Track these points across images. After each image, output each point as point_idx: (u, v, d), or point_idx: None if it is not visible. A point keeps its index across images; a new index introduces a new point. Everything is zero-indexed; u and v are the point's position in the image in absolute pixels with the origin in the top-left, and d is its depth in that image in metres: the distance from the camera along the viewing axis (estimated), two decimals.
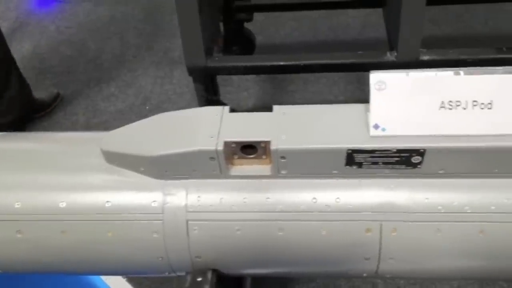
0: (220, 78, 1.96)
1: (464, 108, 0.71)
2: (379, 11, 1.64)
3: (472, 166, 0.73)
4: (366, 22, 2.19)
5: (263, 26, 2.19)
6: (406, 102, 0.72)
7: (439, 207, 0.75)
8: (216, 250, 0.80)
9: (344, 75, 1.88)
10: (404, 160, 0.73)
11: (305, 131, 0.75)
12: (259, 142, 0.74)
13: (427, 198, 0.76)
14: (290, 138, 0.74)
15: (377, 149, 0.72)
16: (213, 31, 1.28)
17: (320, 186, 0.77)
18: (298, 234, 0.78)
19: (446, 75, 0.71)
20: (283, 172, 0.77)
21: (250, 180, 0.78)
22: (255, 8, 1.79)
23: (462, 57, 1.14)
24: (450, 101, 0.71)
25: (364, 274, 0.83)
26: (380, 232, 0.76)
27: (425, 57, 1.14)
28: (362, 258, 0.79)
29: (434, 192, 0.76)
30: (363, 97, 1.42)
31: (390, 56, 1.15)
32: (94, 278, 1.12)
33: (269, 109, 0.80)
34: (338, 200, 0.77)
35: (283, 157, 0.74)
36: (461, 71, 0.72)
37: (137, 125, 0.81)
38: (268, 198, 0.77)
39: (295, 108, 0.79)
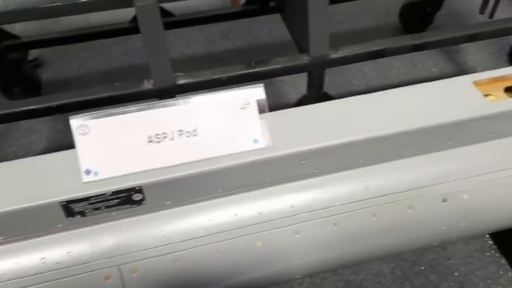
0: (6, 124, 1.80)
1: (172, 139, 0.72)
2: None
3: (200, 191, 0.75)
4: None
5: (52, 60, 2.06)
6: (113, 142, 0.70)
7: (175, 237, 0.76)
8: None
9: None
10: (125, 200, 0.72)
11: (13, 188, 0.69)
12: None
13: (161, 231, 0.76)
14: None
15: (91, 195, 0.69)
16: None
17: (47, 243, 0.72)
18: None
19: (148, 110, 0.72)
20: (1, 238, 0.70)
21: None
22: (27, 45, 1.66)
23: (216, 76, 1.19)
24: (157, 134, 0.72)
25: None
26: (121, 276, 0.74)
27: (182, 81, 1.16)
28: None
29: (167, 225, 0.76)
30: None
31: (147, 85, 1.15)
32: None
33: None
34: (69, 254, 0.73)
35: None
36: (165, 102, 0.73)
37: None
38: None
39: (7, 164, 0.73)
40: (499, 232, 1.03)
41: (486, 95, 0.84)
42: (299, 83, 1.90)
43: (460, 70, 1.99)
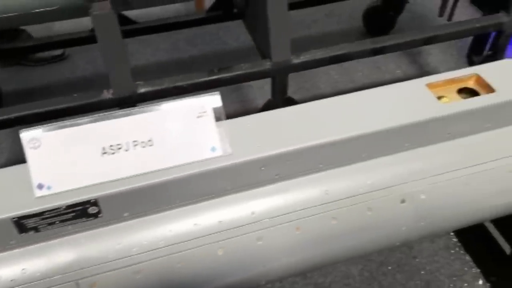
0: None
1: (126, 150, 0.71)
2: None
3: (158, 202, 0.74)
4: None
5: (13, 70, 2.02)
6: (66, 155, 0.69)
7: (134, 249, 0.75)
8: None
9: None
10: (81, 213, 0.70)
11: None
12: None
13: (119, 244, 0.74)
14: None
15: (44, 210, 0.68)
16: None
17: (0, 261, 0.70)
18: None
19: (101, 121, 0.70)
20: None
21: None
22: None
23: (178, 84, 1.18)
24: (111, 146, 0.70)
25: None
26: None
27: (142, 90, 1.15)
28: None
29: (126, 237, 0.75)
30: None
31: (107, 94, 1.13)
32: None
33: None
34: (24, 271, 0.71)
35: None
36: (119, 113, 0.72)
37: None
38: None
39: None
40: (463, 229, 1.05)
41: (439, 97, 0.86)
42: (266, 88, 1.91)
43: (423, 72, 2.04)
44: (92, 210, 0.70)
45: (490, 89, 0.86)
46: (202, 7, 2.20)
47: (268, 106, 1.40)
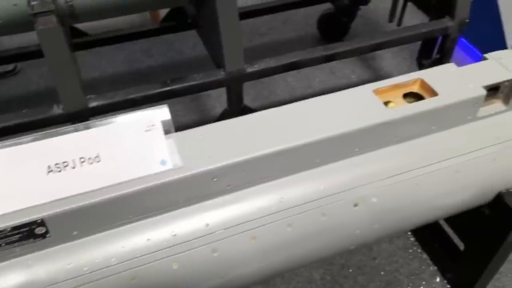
0: None
1: (73, 167, 0.69)
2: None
3: (109, 219, 0.73)
4: None
5: None
6: (9, 175, 0.67)
7: (85, 268, 0.73)
8: None
9: None
10: (28, 234, 0.68)
11: None
12: None
13: (69, 263, 0.72)
14: None
15: None
16: None
17: None
18: None
19: (45, 139, 0.69)
20: None
21: None
22: None
23: (131, 96, 1.16)
24: (57, 164, 0.69)
25: None
26: None
27: (94, 104, 1.13)
28: None
29: (76, 256, 0.73)
30: None
31: (57, 109, 1.11)
32: None
33: None
34: None
35: None
36: (64, 129, 0.70)
37: None
38: None
39: None
40: (419, 228, 1.08)
41: (386, 103, 0.88)
42: (225, 97, 1.91)
43: (377, 76, 2.09)
44: (39, 230, 0.68)
45: (433, 93, 0.89)
46: (157, 18, 2.19)
47: (224, 116, 1.40)
